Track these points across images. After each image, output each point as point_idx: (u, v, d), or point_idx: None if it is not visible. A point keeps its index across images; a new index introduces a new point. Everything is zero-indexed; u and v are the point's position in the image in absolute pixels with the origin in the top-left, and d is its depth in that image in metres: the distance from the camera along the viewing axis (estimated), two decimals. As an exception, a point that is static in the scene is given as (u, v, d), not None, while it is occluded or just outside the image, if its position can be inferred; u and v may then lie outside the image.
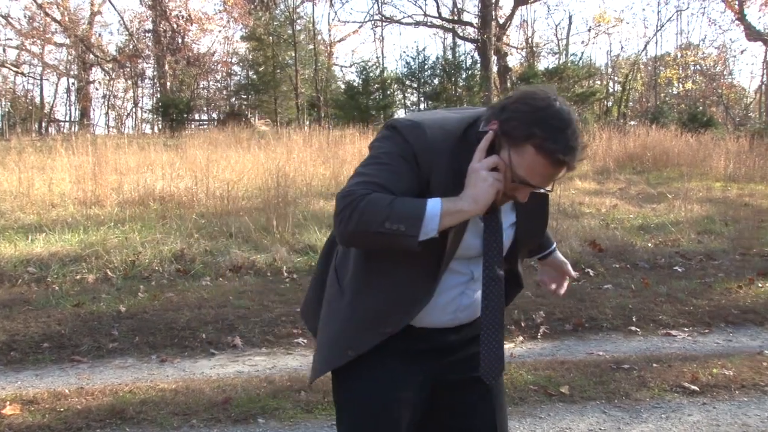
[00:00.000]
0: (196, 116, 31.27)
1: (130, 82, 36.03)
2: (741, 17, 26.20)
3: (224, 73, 34.36)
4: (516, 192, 1.61)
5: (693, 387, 3.97)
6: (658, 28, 36.94)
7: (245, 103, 29.71)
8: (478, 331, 1.77)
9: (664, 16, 53.08)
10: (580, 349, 4.71)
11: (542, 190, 1.63)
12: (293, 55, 26.49)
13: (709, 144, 16.35)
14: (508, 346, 4.86)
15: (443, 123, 1.66)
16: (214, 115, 33.04)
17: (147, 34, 32.41)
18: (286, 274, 6.45)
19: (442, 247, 1.63)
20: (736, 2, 25.89)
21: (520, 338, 5.02)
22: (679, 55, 33.72)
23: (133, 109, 38.03)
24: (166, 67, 29.52)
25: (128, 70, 34.04)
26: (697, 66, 34.42)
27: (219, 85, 35.58)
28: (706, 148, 15.70)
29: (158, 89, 32.19)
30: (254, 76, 28.47)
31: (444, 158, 1.61)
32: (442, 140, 1.61)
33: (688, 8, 42.78)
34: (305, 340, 4.82)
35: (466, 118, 1.68)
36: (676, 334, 5.02)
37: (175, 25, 28.90)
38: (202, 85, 34.88)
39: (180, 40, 30.00)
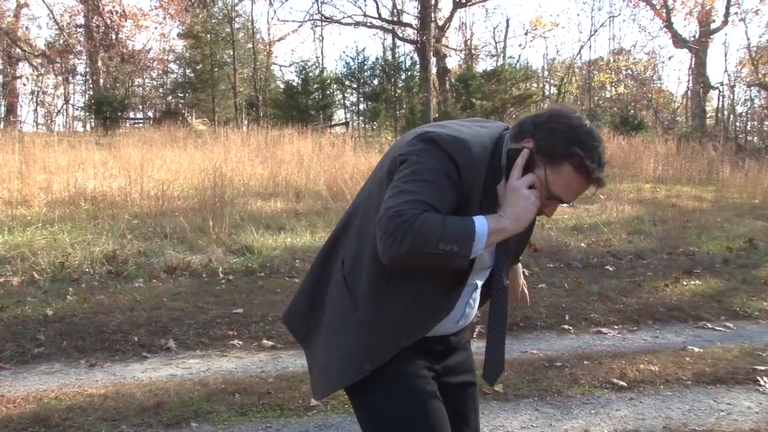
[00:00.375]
0: (131, 114, 30.52)
1: (60, 78, 34.84)
2: (668, 25, 27.18)
3: (160, 71, 33.60)
4: (545, 207, 1.64)
5: (621, 383, 4.09)
6: (592, 33, 37.93)
7: (182, 101, 29.13)
8: (466, 336, 1.93)
9: (598, 22, 54.53)
10: (514, 347, 4.79)
11: (567, 206, 1.68)
12: (231, 53, 26.13)
13: (639, 147, 16.89)
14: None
15: (481, 139, 1.64)
16: (150, 114, 32.30)
17: (78, 29, 31.39)
18: (222, 275, 6.35)
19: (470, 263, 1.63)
20: (664, 10, 26.84)
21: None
22: (611, 59, 34.74)
23: (64, 106, 36.84)
24: (99, 63, 28.66)
25: (58, 65, 32.90)
26: (629, 71, 35.53)
27: (155, 83, 34.78)
28: (637, 151, 16.21)
29: (91, 86, 31.23)
30: (191, 75, 27.94)
31: (482, 175, 1.61)
32: (483, 157, 1.62)
33: (619, 14, 44.11)
34: (241, 342, 4.76)
35: (494, 134, 1.69)
36: (607, 332, 5.17)
37: (108, 21, 28.08)
38: (137, 83, 34.02)
39: (114, 36, 29.15)
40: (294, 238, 7.51)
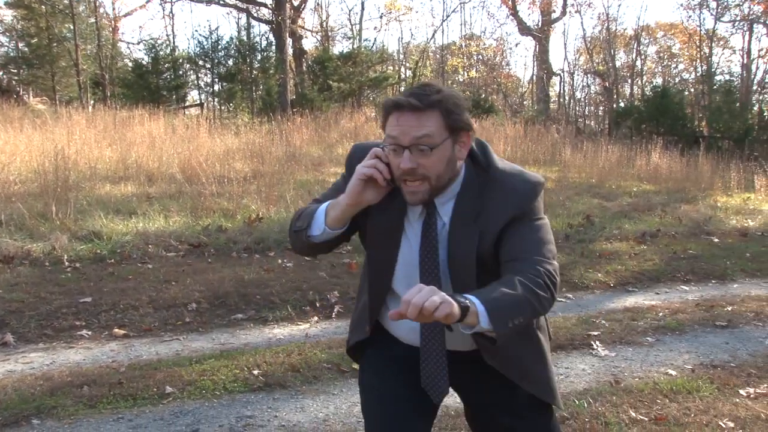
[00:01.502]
0: (-43, 91, 27.74)
1: None
2: (514, 13, 28.56)
3: (-12, 43, 30.75)
4: (397, 165, 1.67)
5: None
6: (444, 18, 39.15)
7: (16, 78, 26.84)
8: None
9: (450, 7, 56.19)
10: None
11: (408, 160, 1.64)
12: (72, 27, 24.39)
13: (490, 129, 17.65)
14: (303, 326, 4.94)
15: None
16: (-20, 91, 29.52)
17: None
18: (67, 263, 5.98)
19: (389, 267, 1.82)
20: (511, -1, 28.15)
21: (315, 318, 5.12)
22: (463, 44, 35.96)
23: None
24: None
25: None
26: (480, 56, 36.96)
27: (-17, 57, 31.79)
28: (488, 133, 16.93)
29: None
30: (26, 49, 25.80)
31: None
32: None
33: (470, 1, 45.74)
34: (90, 332, 4.53)
35: None
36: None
37: None
38: (-40, 56, 30.94)
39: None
40: (147, 223, 7.21)
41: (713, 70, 29.45)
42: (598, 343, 4.65)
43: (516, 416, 1.86)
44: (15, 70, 25.95)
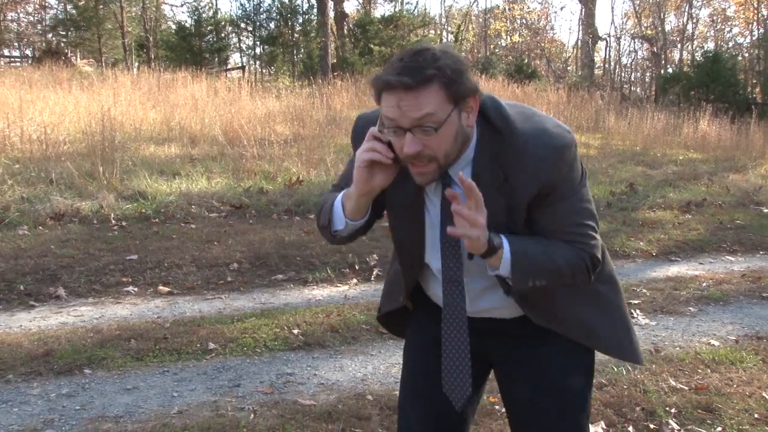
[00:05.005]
0: (6, 52, 28.28)
1: None
2: (562, -25, 27.76)
3: (36, 6, 31.20)
4: (400, 148, 1.46)
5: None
6: (489, -19, 38.31)
7: (64, 40, 27.24)
8: (496, 325, 1.74)
9: (495, -30, 55.12)
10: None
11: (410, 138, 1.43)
12: (118, -11, 24.59)
13: (532, 95, 17.38)
14: (342, 288, 4.99)
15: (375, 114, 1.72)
16: (28, 52, 30.06)
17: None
18: (114, 221, 6.13)
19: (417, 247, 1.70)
20: (558, -40, 27.36)
21: (354, 280, 5.17)
22: (506, 8, 35.31)
23: (-73, 41, 33.65)
24: (-34, -5, 26.29)
25: None
26: (523, 20, 36.27)
27: (32, 19, 32.29)
28: (530, 99, 16.68)
29: (-42, 20, 28.63)
30: (73, 11, 26.15)
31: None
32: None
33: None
34: (136, 289, 4.66)
35: None
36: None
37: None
38: (10, 17, 31.47)
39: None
40: (189, 184, 7.33)
41: (769, 34, 28.35)
42: (638, 311, 4.61)
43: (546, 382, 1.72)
44: (63, 33, 26.31)
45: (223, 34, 22.52)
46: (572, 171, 1.53)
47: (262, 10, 22.55)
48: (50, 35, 28.73)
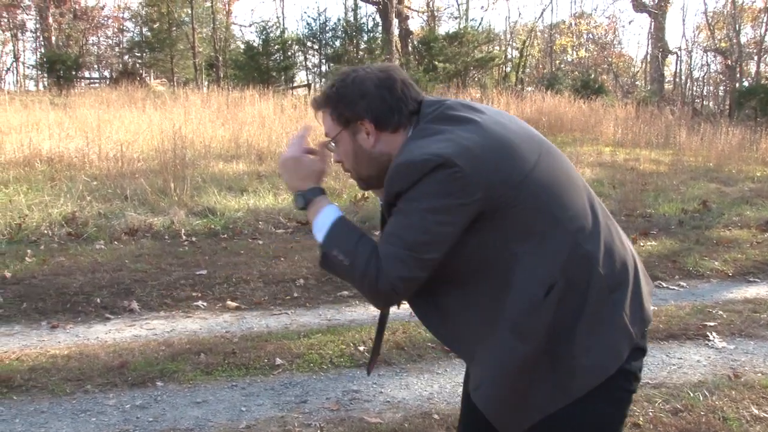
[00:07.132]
0: (86, 74, 29.58)
1: (8, 34, 33.49)
2: (630, -12, 27.28)
3: (115, 29, 32.59)
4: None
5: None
6: (554, -4, 37.96)
7: (139, 61, 28.33)
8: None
9: (560, -15, 54.55)
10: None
11: (331, 143, 1.72)
12: (189, 12, 25.46)
13: (599, 110, 17.07)
14: (406, 305, 4.96)
15: None
16: (106, 73, 31.36)
17: (25, -18, 30.05)
18: (184, 237, 6.30)
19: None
20: (626, -26, 26.90)
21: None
22: (573, 23, 34.84)
23: (14, 64, 35.52)
24: (50, 19, 27.65)
25: (5, 20, 31.60)
26: (590, 35, 35.71)
27: (110, 42, 33.72)
28: (597, 115, 16.39)
29: (42, 43, 30.14)
30: (148, 33, 27.20)
31: None
32: None
33: (582, -22, 44.17)
34: (205, 303, 4.76)
35: None
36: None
37: (56, -26, 27.01)
38: (91, 41, 32.93)
39: (64, -9, 28.10)
40: (257, 200, 7.47)
41: None
42: (714, 334, 4.43)
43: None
44: (139, 54, 27.37)
45: (289, 53, 23.02)
46: (415, 191, 1.47)
47: (327, 28, 22.97)
48: (126, 57, 29.92)
